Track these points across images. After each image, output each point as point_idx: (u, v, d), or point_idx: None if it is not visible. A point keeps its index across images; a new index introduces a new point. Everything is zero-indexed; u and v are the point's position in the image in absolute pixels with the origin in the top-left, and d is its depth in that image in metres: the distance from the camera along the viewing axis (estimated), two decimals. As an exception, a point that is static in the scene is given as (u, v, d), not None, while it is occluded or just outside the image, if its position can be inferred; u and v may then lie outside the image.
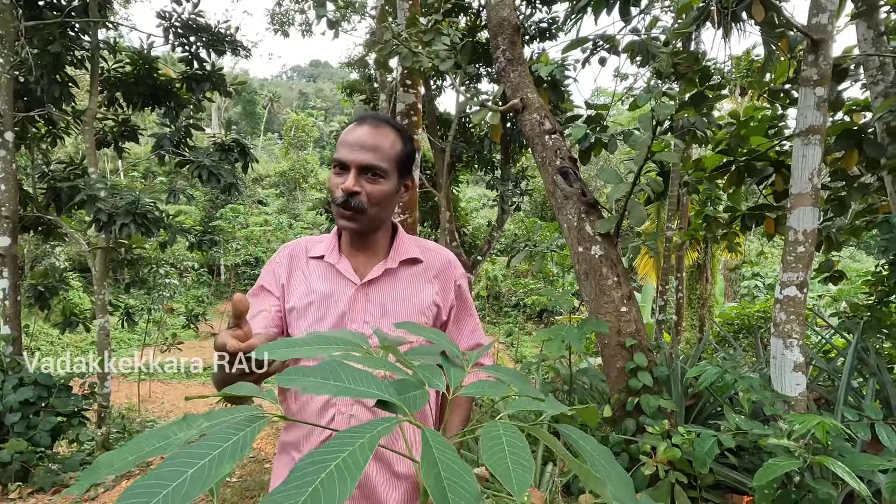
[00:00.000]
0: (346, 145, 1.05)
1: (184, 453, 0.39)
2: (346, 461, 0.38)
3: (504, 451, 0.43)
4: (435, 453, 0.41)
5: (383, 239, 1.15)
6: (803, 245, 2.09)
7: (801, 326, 2.10)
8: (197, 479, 0.37)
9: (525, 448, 0.44)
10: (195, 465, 0.38)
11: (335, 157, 1.07)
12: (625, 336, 2.56)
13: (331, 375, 0.48)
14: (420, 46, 3.62)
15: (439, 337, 0.67)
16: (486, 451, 0.43)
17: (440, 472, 0.40)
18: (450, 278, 1.17)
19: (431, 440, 0.43)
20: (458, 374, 0.59)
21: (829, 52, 2.02)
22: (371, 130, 1.06)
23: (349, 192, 1.03)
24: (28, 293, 5.76)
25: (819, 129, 2.05)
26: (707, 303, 10.52)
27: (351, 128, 1.08)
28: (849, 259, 19.37)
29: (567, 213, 2.81)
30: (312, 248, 1.15)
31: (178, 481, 0.37)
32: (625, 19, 3.34)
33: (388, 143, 1.07)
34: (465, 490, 0.39)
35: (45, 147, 5.82)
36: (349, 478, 0.37)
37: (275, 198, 24.76)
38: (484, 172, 7.75)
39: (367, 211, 1.06)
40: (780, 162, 3.51)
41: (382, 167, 1.05)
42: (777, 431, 1.84)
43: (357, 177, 1.04)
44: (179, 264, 14.78)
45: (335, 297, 1.08)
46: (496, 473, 0.41)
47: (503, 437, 0.45)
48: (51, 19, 4.92)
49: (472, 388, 0.58)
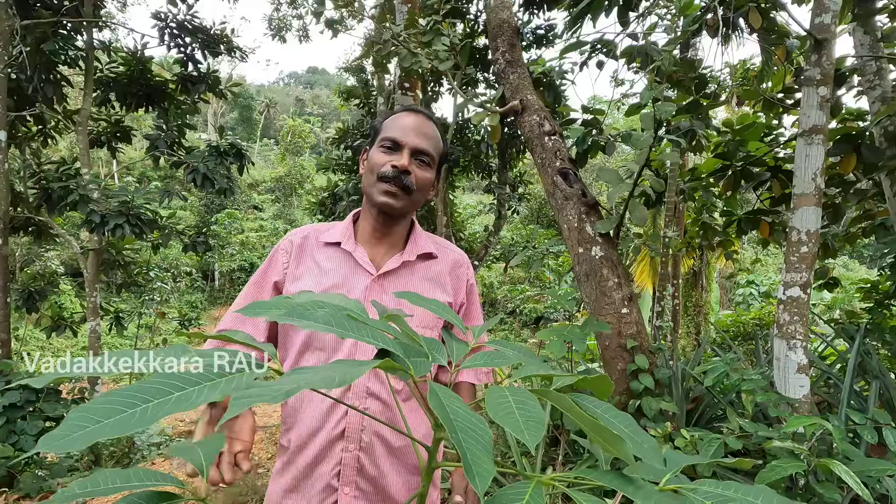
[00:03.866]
0: (400, 128, 1.06)
1: (175, 376, 0.37)
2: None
3: (512, 408, 0.41)
4: (444, 402, 0.40)
5: (403, 230, 1.13)
6: (806, 245, 2.08)
7: (805, 327, 2.08)
8: (182, 400, 0.35)
9: (535, 404, 0.41)
10: (183, 389, 0.36)
11: (386, 135, 1.06)
12: (626, 338, 2.53)
13: (334, 321, 0.46)
14: (419, 47, 3.61)
15: (444, 311, 0.63)
16: (494, 409, 0.41)
17: (448, 416, 0.38)
18: (462, 276, 1.16)
19: (440, 392, 0.41)
20: (462, 348, 0.56)
21: (832, 51, 2.01)
22: (425, 121, 1.09)
23: (403, 170, 1.03)
24: (16, 296, 5.67)
25: (822, 129, 2.04)
26: (703, 310, 10.54)
27: (402, 114, 1.10)
28: (842, 268, 19.50)
29: (567, 214, 2.78)
30: (325, 234, 1.12)
31: (162, 399, 0.35)
32: (623, 24, 3.35)
33: (437, 137, 1.10)
34: (477, 434, 0.37)
35: (36, 147, 5.75)
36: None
37: (270, 203, 24.67)
38: (481, 177, 7.74)
39: (412, 193, 1.05)
40: (778, 167, 3.51)
41: (433, 155, 1.07)
42: (782, 434, 1.80)
43: (410, 158, 1.04)
44: (174, 269, 14.65)
45: (349, 286, 1.04)
46: (507, 426, 0.38)
47: (510, 397, 0.43)
48: (45, 18, 4.88)
49: (475, 360, 0.55)
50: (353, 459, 0.99)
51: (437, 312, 0.63)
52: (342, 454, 0.99)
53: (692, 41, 4.50)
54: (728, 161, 3.63)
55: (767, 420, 2.36)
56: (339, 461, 0.99)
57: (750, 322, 8.72)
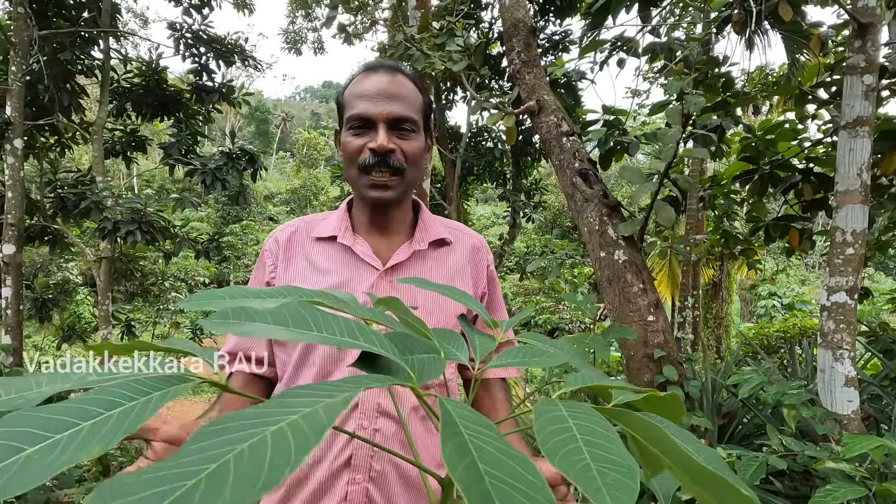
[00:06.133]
0: (366, 97, 0.85)
1: (32, 417, 0.23)
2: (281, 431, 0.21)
3: (578, 444, 0.26)
4: (464, 432, 0.24)
5: (406, 216, 0.96)
6: (852, 246, 1.91)
7: (852, 336, 1.90)
8: (36, 464, 0.21)
9: (615, 439, 0.26)
10: (44, 438, 0.22)
11: (351, 113, 0.86)
12: (652, 347, 2.37)
13: (290, 319, 0.31)
14: (432, 50, 3.54)
15: (463, 297, 0.50)
16: (550, 445, 0.25)
17: (476, 463, 0.22)
18: (482, 262, 0.98)
19: (455, 413, 0.26)
20: (487, 343, 0.42)
21: (877, 37, 1.87)
22: (393, 77, 0.87)
23: (385, 151, 0.83)
24: (29, 304, 5.68)
25: (867, 121, 1.88)
26: (724, 322, 10.24)
27: (363, 77, 0.88)
28: (868, 280, 18.91)
29: (587, 217, 2.65)
30: (316, 228, 0.94)
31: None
32: (644, 20, 3.23)
33: (412, 92, 0.88)
34: (525, 492, 0.21)
35: (54, 156, 5.81)
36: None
37: (286, 215, 24.89)
38: (495, 185, 7.63)
39: (406, 173, 0.87)
40: (809, 169, 3.33)
41: (414, 119, 0.87)
42: (833, 454, 1.63)
43: (388, 132, 0.84)
44: (190, 279, 14.73)
45: (352, 286, 0.87)
46: (573, 479, 0.23)
47: (570, 421, 0.28)
48: (62, 28, 4.93)
49: (506, 357, 0.41)
50: (360, 494, 0.82)
51: (456, 298, 0.49)
52: (347, 487, 0.81)
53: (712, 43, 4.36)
54: (755, 164, 3.46)
55: (806, 437, 2.18)
56: (343, 496, 0.81)
57: (774, 335, 8.42)
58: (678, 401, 0.44)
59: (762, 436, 2.47)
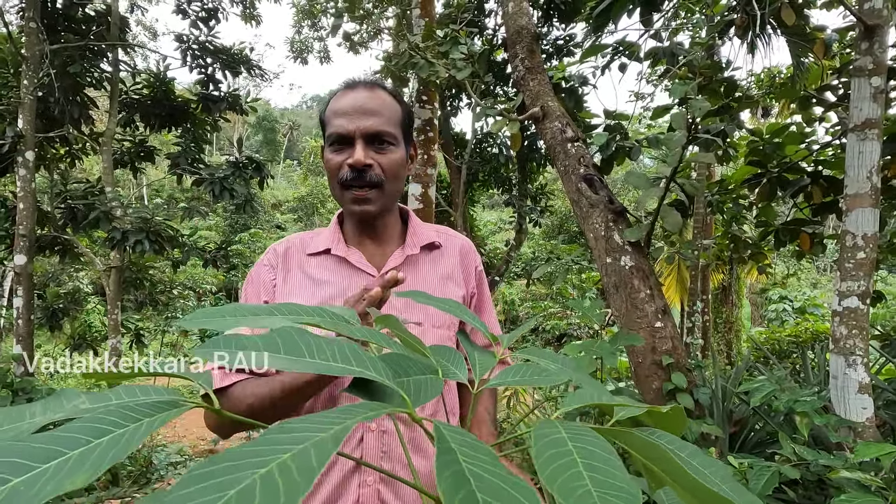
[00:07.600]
0: (344, 114, 0.89)
1: (19, 447, 0.23)
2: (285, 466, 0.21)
3: (578, 469, 0.25)
4: (461, 459, 0.24)
5: (395, 223, 0.99)
6: (863, 250, 1.88)
7: (865, 342, 1.87)
8: (21, 495, 0.21)
9: (615, 460, 0.25)
10: (30, 469, 0.22)
11: (330, 131, 0.90)
12: (660, 354, 2.34)
13: (282, 345, 0.31)
14: (437, 58, 3.54)
15: (460, 311, 0.49)
16: (549, 471, 0.25)
17: (475, 493, 0.22)
18: (471, 263, 1.02)
19: (451, 438, 0.25)
20: (487, 360, 0.41)
21: (885, 38, 1.85)
22: (369, 92, 0.91)
23: (362, 166, 0.86)
24: (40, 314, 5.74)
25: (876, 123, 1.86)
26: (734, 327, 10.12)
27: (341, 95, 0.92)
28: (880, 283, 18.64)
29: (593, 223, 2.63)
30: (310, 244, 0.97)
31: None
32: (645, 24, 3.22)
33: (389, 106, 0.91)
34: None
35: (64, 167, 5.88)
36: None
37: (293, 223, 25.01)
38: (501, 191, 7.63)
39: (385, 186, 0.89)
40: (818, 172, 3.29)
41: (391, 133, 0.89)
42: (849, 462, 1.59)
43: (365, 147, 0.87)
44: (198, 287, 14.83)
45: (350, 293, 0.88)
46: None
47: (570, 444, 0.27)
48: (72, 42, 5.01)
49: (506, 376, 0.40)
50: (372, 495, 0.82)
51: (453, 313, 0.50)
52: (359, 490, 0.82)
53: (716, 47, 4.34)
54: (763, 168, 3.42)
55: (819, 445, 2.14)
56: (356, 499, 0.81)
57: (785, 339, 8.31)
58: (681, 413, 0.43)
59: (774, 444, 2.42)
